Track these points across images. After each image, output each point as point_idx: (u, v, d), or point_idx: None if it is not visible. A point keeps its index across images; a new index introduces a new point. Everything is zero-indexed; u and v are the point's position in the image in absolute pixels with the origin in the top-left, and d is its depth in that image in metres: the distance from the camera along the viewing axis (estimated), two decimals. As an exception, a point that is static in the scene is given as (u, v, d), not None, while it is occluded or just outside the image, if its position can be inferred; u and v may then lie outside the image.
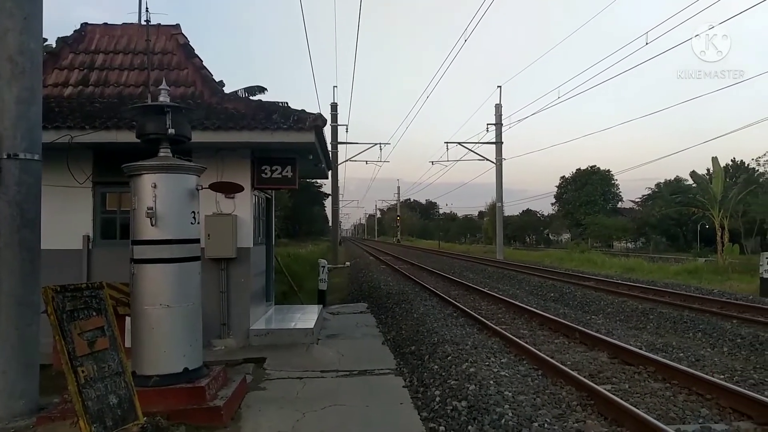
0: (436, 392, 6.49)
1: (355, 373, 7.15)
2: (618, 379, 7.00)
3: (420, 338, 9.62)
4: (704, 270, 22.82)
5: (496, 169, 35.60)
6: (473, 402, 5.81)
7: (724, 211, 26.19)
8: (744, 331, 9.73)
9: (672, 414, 5.65)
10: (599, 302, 14.20)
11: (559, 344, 9.26)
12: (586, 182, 74.45)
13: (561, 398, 6.08)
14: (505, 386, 6.23)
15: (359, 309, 13.33)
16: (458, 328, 10.20)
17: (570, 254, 36.91)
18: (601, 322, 11.58)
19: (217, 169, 7.98)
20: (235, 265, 8.30)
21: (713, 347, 9.33)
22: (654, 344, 9.19)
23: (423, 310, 12.37)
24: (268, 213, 10.75)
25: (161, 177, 5.23)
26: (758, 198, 40.59)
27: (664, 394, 6.33)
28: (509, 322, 11.52)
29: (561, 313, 12.60)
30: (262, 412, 5.55)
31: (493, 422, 5.20)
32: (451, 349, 8.29)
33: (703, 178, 28.60)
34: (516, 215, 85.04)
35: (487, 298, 15.24)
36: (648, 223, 60.67)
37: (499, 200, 36.58)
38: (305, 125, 7.76)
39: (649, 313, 12.18)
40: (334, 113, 31.05)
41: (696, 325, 10.67)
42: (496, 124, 35.15)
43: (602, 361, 7.96)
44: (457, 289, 17.72)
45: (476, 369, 7.00)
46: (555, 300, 15.62)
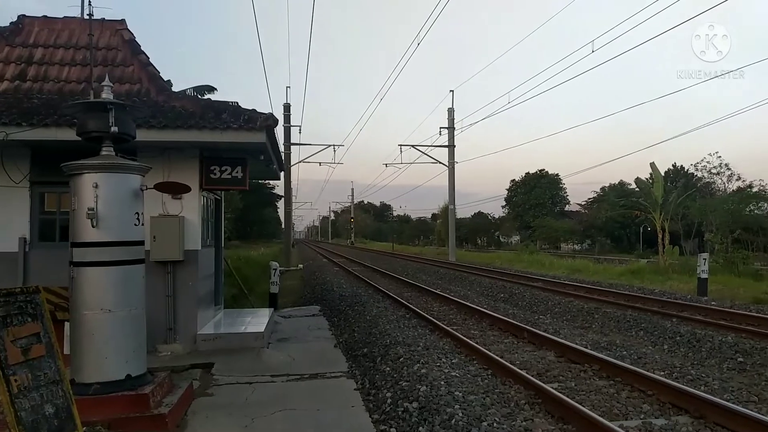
0: (388, 394, 6.48)
1: (307, 376, 7.08)
2: (564, 378, 7.18)
3: (373, 340, 9.60)
4: (646, 271, 23.73)
5: (449, 172, 36.04)
6: (424, 403, 5.84)
7: (665, 214, 27.34)
8: (683, 329, 10.16)
9: (615, 410, 5.83)
10: (547, 302, 14.55)
11: (509, 344, 9.43)
12: (535, 186, 76.39)
13: (510, 397, 6.18)
14: (455, 386, 6.29)
15: (312, 312, 13.21)
16: (410, 330, 10.25)
17: (519, 256, 37.71)
18: (549, 322, 11.87)
19: (164, 169, 7.76)
20: (182, 268, 8.07)
21: (654, 345, 9.70)
22: (599, 343, 9.48)
23: (376, 312, 12.37)
24: (218, 214, 10.52)
25: (103, 176, 5.03)
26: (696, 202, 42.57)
27: (608, 391, 6.53)
28: (460, 322, 11.66)
29: (510, 314, 12.84)
30: (210, 419, 5.41)
31: (444, 423, 5.23)
32: (403, 350, 8.31)
33: (645, 183, 29.75)
34: (468, 218, 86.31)
35: (440, 299, 15.38)
36: (594, 225, 62.71)
37: (452, 203, 37.04)
38: (256, 125, 7.63)
39: (594, 313, 12.56)
40: (287, 114, 30.77)
41: (638, 324, 11.06)
42: (449, 128, 35.60)
43: (549, 360, 8.15)
44: (410, 291, 17.82)
45: (428, 370, 7.04)
46: (505, 300, 15.92)
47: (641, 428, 5.31)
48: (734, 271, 20.75)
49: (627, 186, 60.12)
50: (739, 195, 46.19)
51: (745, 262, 22.83)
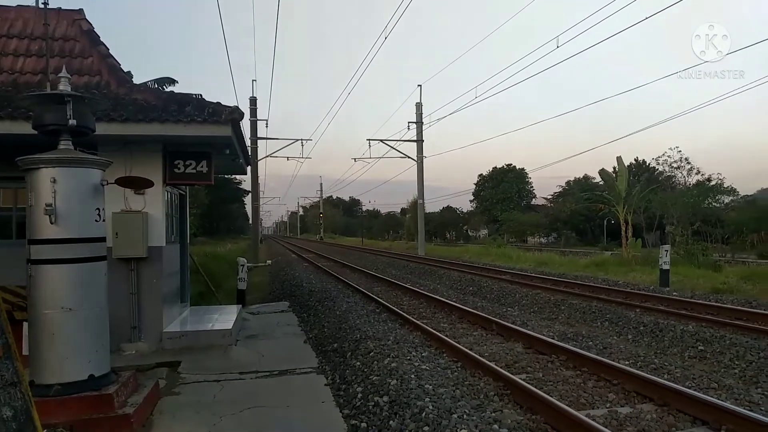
0: (358, 389, 6.46)
1: (276, 373, 7.00)
2: (532, 369, 7.28)
3: (343, 335, 9.57)
4: (610, 263, 24.24)
5: (418, 166, 36.16)
6: (395, 397, 5.84)
7: (628, 207, 27.98)
8: (646, 319, 10.41)
9: (582, 400, 5.93)
10: (515, 295, 14.74)
11: (478, 336, 9.52)
12: (502, 180, 77.31)
13: (479, 389, 6.23)
14: (425, 380, 6.31)
15: (280, 308, 13.09)
16: (381, 324, 10.24)
17: (487, 249, 38.11)
18: (517, 314, 12.02)
19: (126, 164, 7.54)
20: (146, 265, 7.88)
21: (619, 335, 9.92)
22: (565, 334, 9.64)
23: (346, 307, 12.33)
24: (183, 210, 10.30)
25: (61, 171, 4.85)
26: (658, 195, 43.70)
27: (575, 381, 6.64)
28: (430, 316, 11.71)
29: (479, 306, 12.97)
30: (177, 418, 5.30)
31: (414, 416, 5.24)
32: (373, 345, 8.30)
33: (610, 176, 30.38)
34: (437, 212, 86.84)
35: (409, 293, 15.42)
36: (559, 219, 63.83)
37: (421, 197, 37.20)
38: (221, 118, 7.48)
39: (561, 305, 12.78)
40: (253, 108, 30.33)
41: (603, 315, 11.29)
42: (417, 123, 35.69)
43: (518, 352, 8.25)
44: (379, 286, 17.82)
45: (398, 364, 7.05)
46: (473, 293, 16.06)
47: (607, 417, 5.41)
48: (694, 262, 21.35)
49: (591, 180, 61.43)
50: (698, 188, 47.73)
51: (705, 253, 23.52)
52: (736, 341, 8.36)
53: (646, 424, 5.20)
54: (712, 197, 48.56)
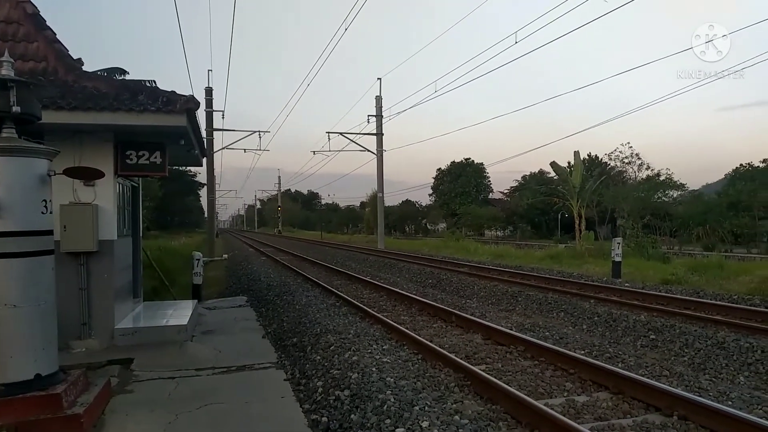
0: (319, 383, 6.40)
1: (234, 369, 6.85)
2: (492, 359, 7.36)
3: (302, 330, 9.46)
4: (565, 255, 24.82)
5: (377, 160, 36.13)
6: (356, 390, 5.79)
7: (582, 201, 28.72)
8: (600, 309, 10.69)
9: (540, 389, 6.03)
10: (473, 287, 14.91)
11: (438, 328, 9.57)
12: (460, 174, 78.18)
13: (440, 380, 6.26)
14: (387, 372, 6.29)
15: (238, 303, 12.86)
16: (341, 318, 10.18)
17: (446, 242, 38.48)
18: (476, 306, 12.16)
19: (75, 154, 7.22)
20: (96, 260, 7.57)
21: (574, 325, 10.15)
22: (523, 325, 9.81)
23: (305, 301, 12.21)
24: (135, 202, 9.96)
25: (3, 161, 4.58)
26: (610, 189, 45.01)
27: (533, 371, 6.74)
28: (390, 309, 11.72)
29: (439, 299, 13.06)
30: (130, 417, 5.11)
31: (376, 409, 5.21)
32: (333, 338, 8.23)
33: (562, 170, 31.07)
34: (396, 205, 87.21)
35: (369, 286, 15.40)
36: (515, 212, 65.09)
37: (380, 191, 37.22)
38: (176, 107, 7.23)
39: (518, 296, 12.99)
40: (209, 98, 29.62)
41: (559, 306, 11.54)
42: (377, 116, 35.63)
43: (477, 343, 8.33)
44: (339, 279, 17.74)
45: (359, 357, 7.01)
46: (433, 286, 16.17)
47: (565, 405, 5.51)
48: (644, 254, 22.08)
49: (546, 174, 62.72)
50: (648, 183, 49.42)
51: (654, 246, 24.38)
52: (685, 330, 8.67)
53: (603, 412, 5.32)
54: (661, 192, 50.41)
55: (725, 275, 16.03)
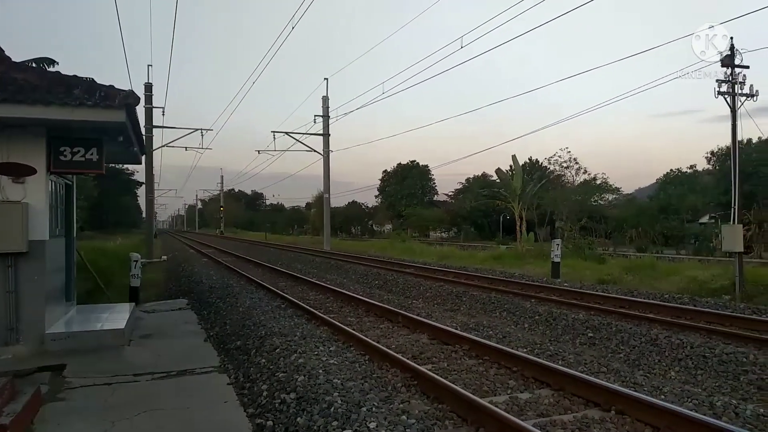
0: (264, 386, 6.27)
1: (174, 374, 6.63)
2: (438, 359, 7.43)
3: (246, 332, 9.26)
4: (507, 256, 25.45)
5: (324, 160, 35.92)
6: (302, 393, 5.71)
7: (523, 203, 29.53)
8: (541, 308, 11.00)
9: (485, 387, 6.13)
10: (419, 287, 15.04)
11: (384, 329, 9.59)
12: (406, 176, 78.84)
13: (387, 381, 6.26)
14: (333, 374, 6.24)
15: (178, 305, 12.47)
16: (286, 320, 10.03)
17: (392, 244, 38.68)
18: (422, 306, 12.26)
19: (3, 149, 6.83)
20: (25, 261, 7.16)
21: (516, 324, 10.40)
22: (467, 324, 9.96)
23: (249, 304, 11.96)
24: (69, 201, 9.49)
25: None
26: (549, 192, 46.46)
27: (477, 370, 6.85)
28: (337, 310, 11.65)
29: (385, 299, 13.09)
30: (62, 426, 4.86)
31: (323, 411, 5.15)
32: (279, 341, 8.09)
33: (506, 174, 31.87)
34: (343, 207, 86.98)
35: (316, 288, 15.27)
36: (459, 214, 66.16)
37: (327, 192, 36.99)
38: (114, 103, 6.94)
39: (462, 296, 13.20)
40: (149, 94, 28.62)
41: (502, 305, 11.79)
42: (323, 116, 35.44)
43: (423, 343, 8.39)
44: (285, 281, 17.50)
45: (305, 359, 6.92)
46: (379, 287, 16.21)
47: (509, 402, 5.62)
48: (582, 255, 22.92)
49: (489, 177, 64.10)
50: (585, 187, 51.31)
51: (591, 247, 25.35)
52: (621, 328, 9.03)
53: (545, 408, 5.46)
54: (598, 195, 52.48)
55: (657, 275, 16.85)
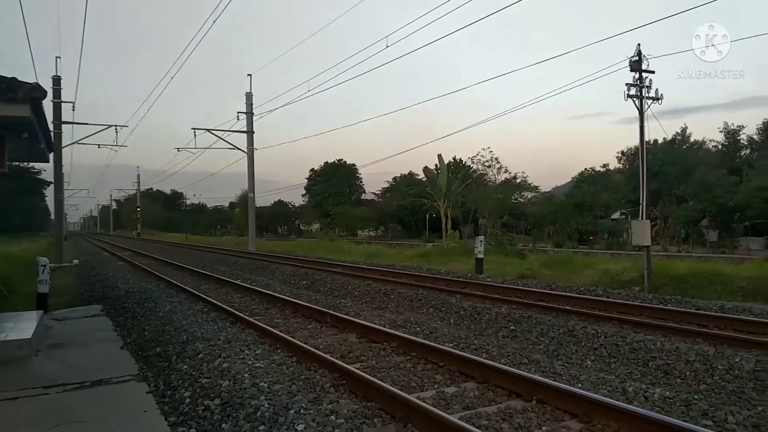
0: (186, 393, 6.03)
1: (88, 384, 6.25)
2: (366, 357, 7.44)
3: (167, 338, 8.88)
4: (433, 253, 25.93)
5: (248, 158, 35.11)
6: (227, 398, 5.55)
7: (448, 202, 30.20)
8: (466, 304, 11.27)
9: (413, 383, 6.20)
10: (347, 286, 15.02)
11: (312, 329, 9.49)
12: (333, 174, 78.67)
13: (315, 382, 6.19)
14: (260, 378, 6.10)
15: (92, 312, 11.79)
16: (210, 324, 9.71)
17: (320, 243, 38.44)
18: (350, 305, 12.25)
19: None
20: None
21: (443, 320, 10.60)
22: (395, 321, 10.05)
23: (169, 308, 11.49)
24: (-34, 202, 8.73)
25: None
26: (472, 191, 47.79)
27: (405, 366, 6.92)
28: (263, 312, 11.42)
29: (313, 300, 12.97)
30: (-42, 449, 4.45)
31: (249, 416, 5.02)
32: (202, 346, 7.82)
33: (432, 173, 32.49)
34: (268, 206, 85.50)
35: (240, 290, 14.90)
36: (387, 213, 66.81)
37: (251, 191, 36.20)
38: (18, 96, 6.45)
39: (390, 294, 13.30)
40: (57, 88, 26.80)
41: (429, 302, 11.98)
42: (247, 113, 34.64)
43: (352, 342, 8.38)
44: (207, 283, 16.95)
45: (230, 364, 6.72)
46: (307, 287, 16.04)
47: (436, 397, 5.71)
48: (503, 251, 23.74)
49: (416, 176, 65.10)
50: (506, 185, 53.21)
51: (512, 243, 26.31)
52: (541, 320, 9.41)
53: (470, 401, 5.59)
54: (518, 193, 54.58)
55: (573, 269, 17.73)
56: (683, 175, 41.19)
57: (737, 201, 35.21)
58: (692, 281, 14.09)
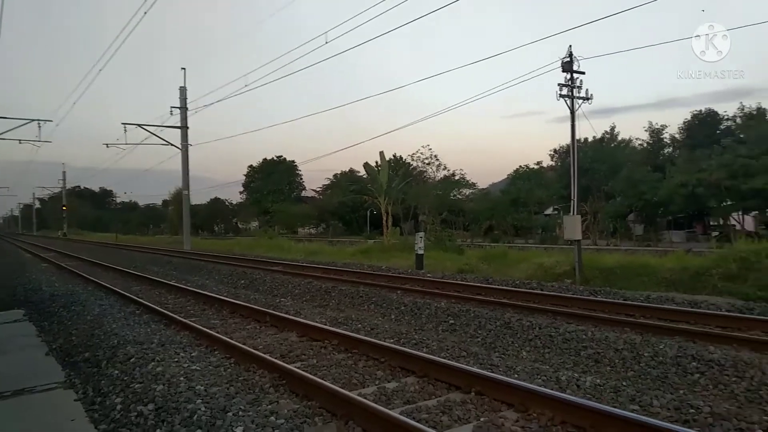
0: (117, 400, 5.77)
1: (9, 394, 5.88)
2: (307, 356, 7.36)
3: (96, 343, 8.47)
4: (374, 250, 25.99)
5: (182, 154, 34.07)
6: (162, 403, 5.34)
7: (389, 198, 30.34)
8: (406, 299, 11.36)
9: (354, 380, 6.18)
10: (287, 285, 14.82)
11: (251, 330, 9.31)
12: (272, 171, 77.43)
13: (255, 383, 6.07)
14: (196, 380, 5.92)
15: (13, 317, 11.10)
16: (142, 327, 9.34)
17: (259, 241, 37.78)
18: (290, 304, 12.09)
19: None
20: None
21: (384, 316, 10.65)
22: (337, 319, 10.01)
23: (99, 311, 10.97)
24: None
25: None
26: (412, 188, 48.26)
27: (347, 363, 6.90)
28: (199, 313, 11.10)
29: (252, 299, 12.73)
30: None
31: (185, 420, 4.86)
32: (134, 350, 7.51)
33: (372, 170, 32.51)
34: (204, 204, 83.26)
35: (175, 291, 14.42)
36: (327, 210, 66.44)
37: (186, 188, 35.11)
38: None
39: (332, 291, 13.23)
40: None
41: (370, 298, 12.00)
42: (181, 108, 33.59)
43: (292, 341, 8.28)
44: (139, 285, 16.31)
45: (164, 367, 6.49)
46: (246, 287, 15.72)
47: (377, 393, 5.71)
48: (443, 247, 24.09)
49: (356, 173, 65.07)
50: (445, 182, 54.05)
51: (450, 239, 26.75)
52: (478, 313, 9.61)
53: (411, 396, 5.63)
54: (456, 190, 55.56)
55: (509, 263, 18.20)
56: (611, 172, 43.10)
57: (661, 196, 37.17)
58: (620, 273, 14.76)
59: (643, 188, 38.35)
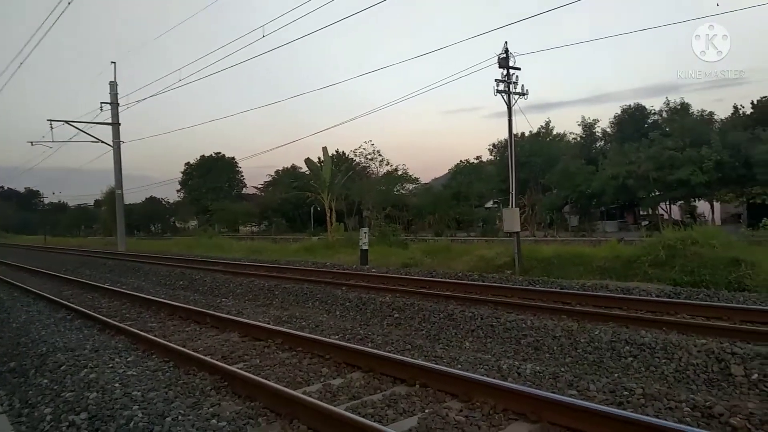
0: (47, 410, 5.46)
1: (-77, 411, 5.45)
2: (249, 356, 7.22)
3: (22, 351, 8.01)
4: (318, 247, 25.82)
5: (114, 152, 32.68)
6: (95, 411, 5.10)
7: (332, 194, 30.18)
8: (351, 295, 11.33)
9: (299, 378, 6.11)
10: (229, 285, 14.50)
11: (191, 332, 9.04)
12: (211, 168, 75.48)
13: (195, 386, 5.89)
14: (133, 386, 5.68)
15: (-71, 327, 10.30)
16: (74, 333, 8.90)
17: (198, 241, 36.81)
18: (232, 304, 11.83)
19: None
20: None
21: (329, 312, 10.58)
22: (280, 318, 9.86)
23: (26, 318, 10.39)
24: None
25: None
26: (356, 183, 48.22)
27: (291, 362, 6.80)
28: (135, 317, 10.68)
29: (191, 300, 12.38)
30: None
31: (121, 428, 4.65)
32: (65, 357, 7.14)
33: (316, 166, 32.27)
34: (139, 203, 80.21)
35: (109, 294, 13.83)
36: (270, 207, 65.39)
37: (119, 187, 33.74)
38: None
39: (275, 290, 13.04)
40: None
41: (314, 295, 11.90)
42: (112, 104, 32.22)
43: (234, 342, 8.09)
44: (70, 289, 15.54)
45: (98, 374, 6.20)
46: (185, 288, 15.27)
47: (322, 390, 5.66)
48: (387, 242, 24.19)
49: (299, 169, 64.34)
50: (388, 178, 54.24)
51: (395, 234, 26.89)
52: (423, 307, 9.70)
53: (356, 391, 5.61)
54: (399, 185, 55.87)
55: (452, 256, 18.50)
56: (547, 166, 44.41)
57: (594, 188, 38.65)
58: (557, 263, 15.27)
59: (577, 181, 39.77)
